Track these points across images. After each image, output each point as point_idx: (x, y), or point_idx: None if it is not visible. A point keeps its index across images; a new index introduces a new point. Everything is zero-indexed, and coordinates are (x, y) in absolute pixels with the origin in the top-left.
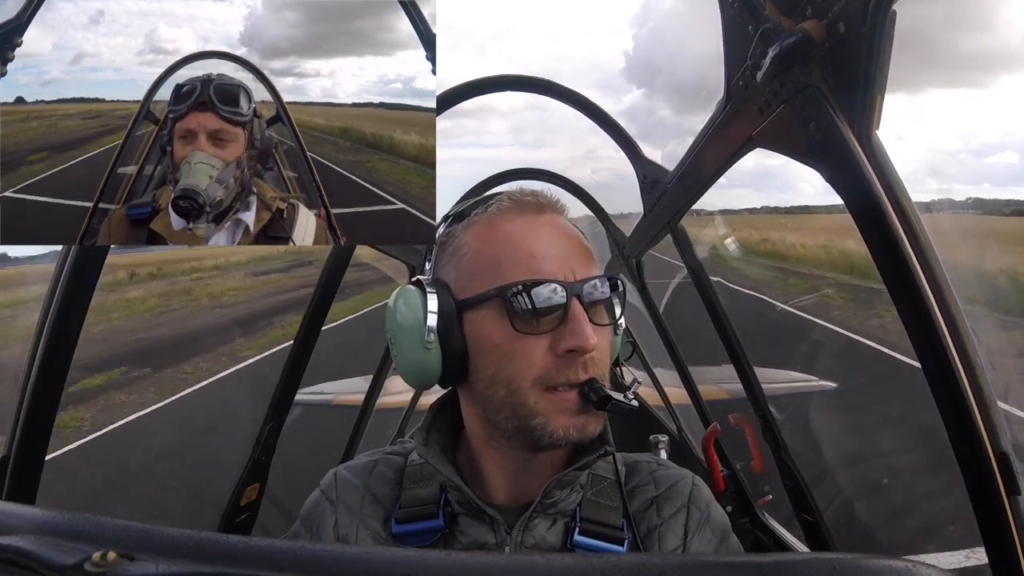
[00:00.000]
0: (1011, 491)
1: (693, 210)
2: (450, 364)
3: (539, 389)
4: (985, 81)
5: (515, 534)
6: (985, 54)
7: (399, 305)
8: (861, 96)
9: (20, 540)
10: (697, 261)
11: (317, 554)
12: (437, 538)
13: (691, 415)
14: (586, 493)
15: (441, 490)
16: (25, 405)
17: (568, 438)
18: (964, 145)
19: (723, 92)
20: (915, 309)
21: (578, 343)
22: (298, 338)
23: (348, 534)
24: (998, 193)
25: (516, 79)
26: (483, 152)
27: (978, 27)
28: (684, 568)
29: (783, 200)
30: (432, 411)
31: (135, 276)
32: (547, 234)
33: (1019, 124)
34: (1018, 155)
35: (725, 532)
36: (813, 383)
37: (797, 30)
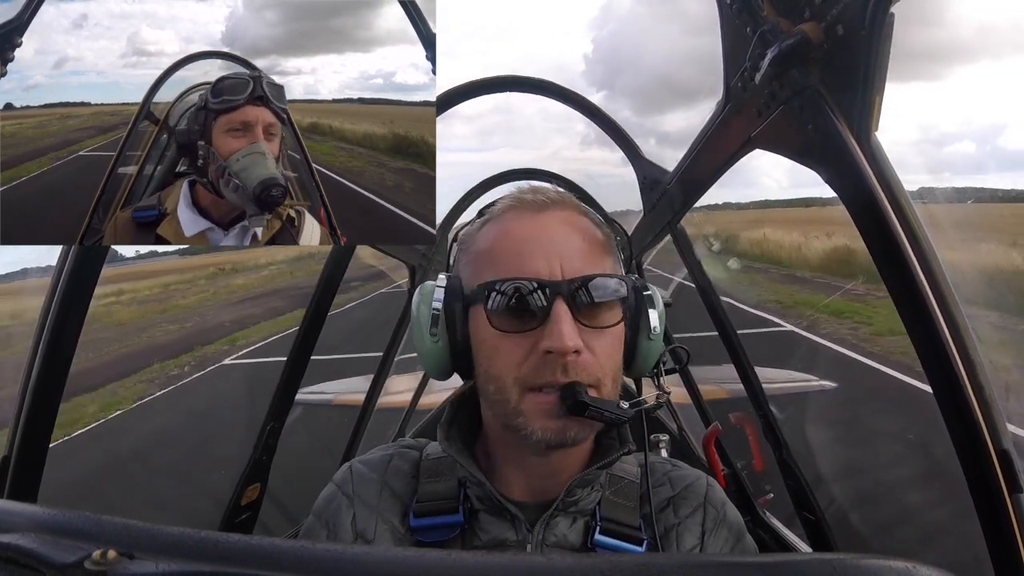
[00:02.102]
0: (1012, 489)
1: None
2: (456, 357)
3: (521, 389)
4: (941, 73)
5: (537, 532)
6: (938, 48)
7: (417, 299)
8: (860, 97)
9: (21, 538)
10: (697, 261)
11: (317, 554)
12: (456, 533)
13: (691, 414)
14: (605, 492)
15: (460, 485)
16: (26, 404)
17: (547, 441)
18: (924, 136)
19: (722, 94)
20: (915, 309)
21: (554, 344)
22: (298, 338)
23: (366, 528)
24: (959, 182)
25: (516, 79)
26: (450, 156)
27: (930, 23)
28: (685, 568)
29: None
30: (452, 405)
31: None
32: (543, 231)
33: (975, 114)
34: (975, 144)
35: (740, 532)
36: (813, 383)
37: (795, 32)
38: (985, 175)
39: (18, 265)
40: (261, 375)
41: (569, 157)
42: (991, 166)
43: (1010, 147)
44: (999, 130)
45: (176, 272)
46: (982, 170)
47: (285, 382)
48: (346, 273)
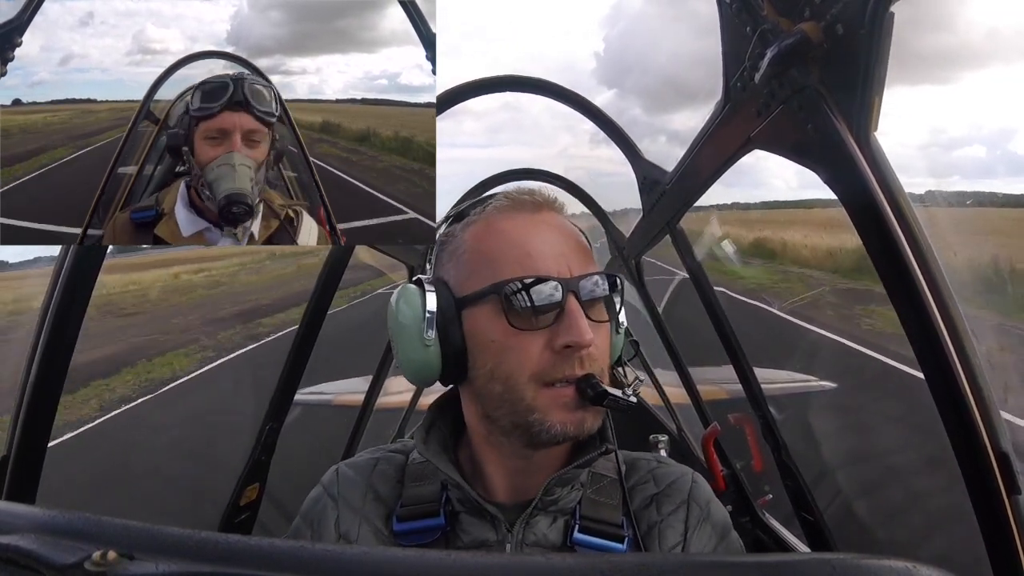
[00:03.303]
0: (1011, 491)
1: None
2: (449, 361)
3: (536, 385)
4: (951, 78)
5: (516, 532)
6: (948, 53)
7: (400, 304)
8: (859, 97)
9: (20, 539)
10: (696, 262)
11: (317, 554)
12: (438, 536)
13: (691, 415)
14: (586, 491)
15: (442, 488)
16: (25, 404)
17: (566, 434)
18: (933, 139)
19: (721, 93)
20: (914, 310)
21: (574, 339)
22: (297, 338)
23: (349, 531)
24: (965, 185)
25: (515, 79)
26: (458, 152)
27: (941, 27)
28: (685, 568)
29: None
30: (433, 410)
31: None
32: (544, 232)
33: (985, 119)
34: (984, 148)
35: (725, 529)
36: (813, 383)
37: (795, 31)
38: (994, 179)
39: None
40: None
41: (576, 155)
42: (1000, 171)
43: (1021, 152)
44: (1009, 135)
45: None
46: (991, 174)
47: (284, 382)
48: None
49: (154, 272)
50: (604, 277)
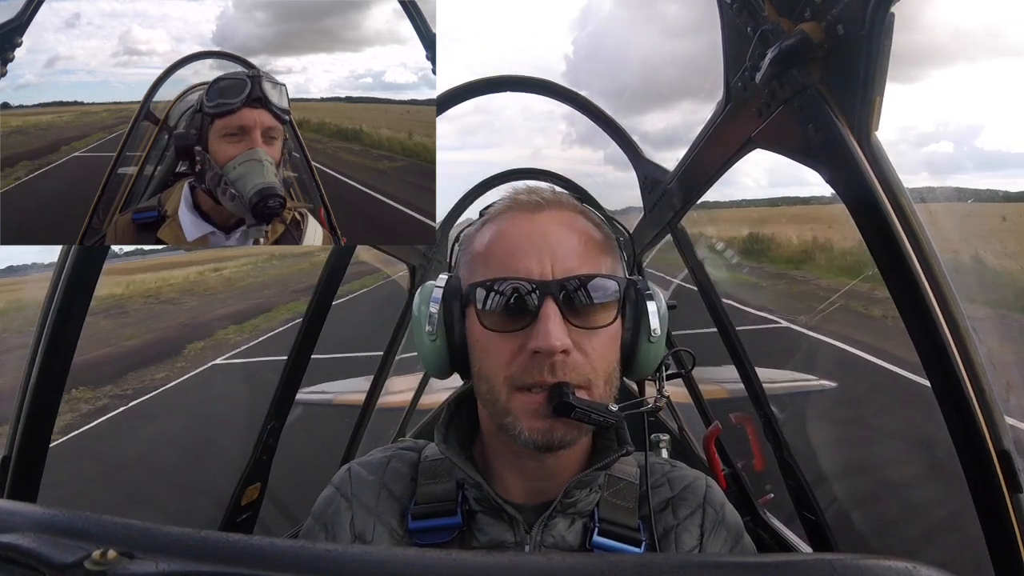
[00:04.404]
0: (1012, 488)
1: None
2: (453, 356)
3: (510, 388)
4: (917, 76)
5: (535, 533)
6: (914, 51)
7: (417, 299)
8: (860, 97)
9: (20, 538)
10: (698, 261)
11: (317, 554)
12: (454, 535)
13: (691, 415)
14: (603, 494)
15: (458, 487)
16: (26, 404)
17: (534, 441)
18: (902, 136)
19: (722, 93)
20: (915, 308)
21: (541, 344)
22: (298, 338)
23: (365, 531)
24: (937, 181)
25: (516, 79)
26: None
27: (908, 27)
28: (685, 568)
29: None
30: (450, 406)
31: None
32: (536, 231)
33: (952, 115)
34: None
35: (739, 532)
36: (813, 382)
37: (796, 32)
38: (964, 175)
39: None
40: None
41: (551, 156)
42: (969, 166)
43: (987, 148)
44: (976, 131)
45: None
46: (960, 170)
47: (285, 382)
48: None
49: (182, 270)
50: (601, 279)
